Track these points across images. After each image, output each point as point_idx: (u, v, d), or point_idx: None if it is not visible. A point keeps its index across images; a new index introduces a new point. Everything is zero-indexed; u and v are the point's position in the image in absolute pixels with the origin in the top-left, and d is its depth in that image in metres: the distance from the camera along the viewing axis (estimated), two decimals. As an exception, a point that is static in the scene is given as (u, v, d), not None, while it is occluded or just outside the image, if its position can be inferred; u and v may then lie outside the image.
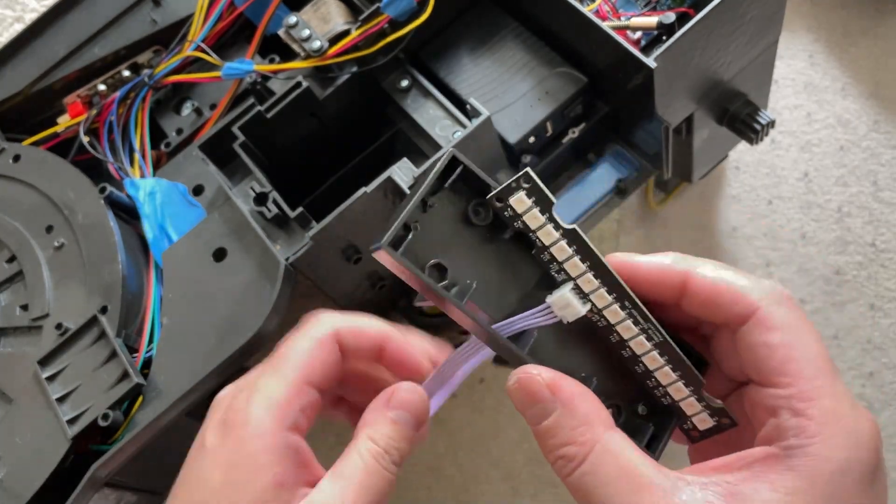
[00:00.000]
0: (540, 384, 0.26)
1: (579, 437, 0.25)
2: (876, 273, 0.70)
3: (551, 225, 0.28)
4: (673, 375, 0.28)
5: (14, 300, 0.51)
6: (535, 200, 0.28)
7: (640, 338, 0.28)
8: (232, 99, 0.54)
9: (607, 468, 0.24)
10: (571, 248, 0.27)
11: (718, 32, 0.46)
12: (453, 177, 0.28)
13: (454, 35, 0.53)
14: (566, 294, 0.27)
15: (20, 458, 0.44)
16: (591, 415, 0.26)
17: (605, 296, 0.27)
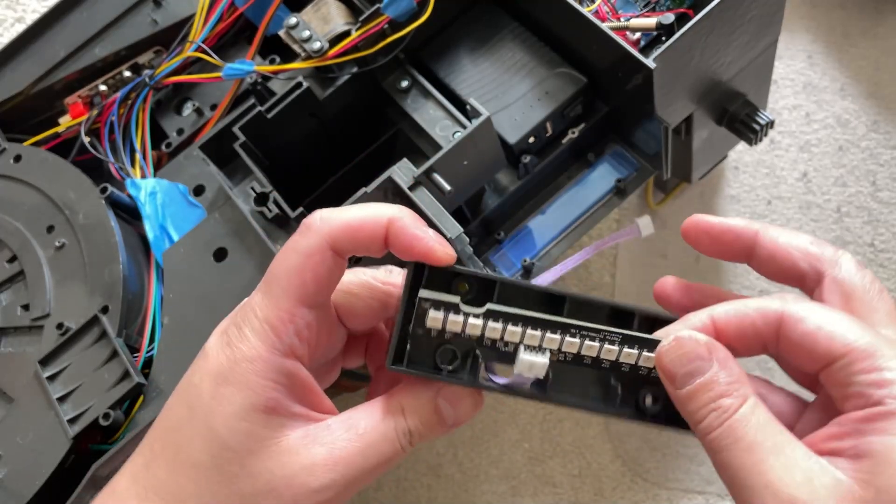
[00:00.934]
0: (698, 343, 0.27)
1: (734, 391, 0.26)
2: (875, 273, 0.70)
3: (470, 318, 0.29)
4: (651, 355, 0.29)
5: (15, 300, 0.51)
6: (443, 309, 0.29)
7: (605, 346, 0.29)
8: (232, 99, 0.54)
9: (758, 418, 0.25)
10: (499, 323, 0.29)
11: (717, 33, 0.46)
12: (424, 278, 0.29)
13: (454, 35, 0.53)
14: (522, 359, 0.29)
15: (21, 458, 0.45)
16: (742, 374, 0.26)
17: (552, 337, 0.29)
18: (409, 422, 0.29)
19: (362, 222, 0.29)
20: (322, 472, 0.27)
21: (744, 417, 0.25)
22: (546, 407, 0.69)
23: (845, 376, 0.25)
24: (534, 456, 0.68)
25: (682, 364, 0.27)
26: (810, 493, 0.23)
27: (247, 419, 0.27)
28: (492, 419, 0.69)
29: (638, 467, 0.67)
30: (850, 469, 0.24)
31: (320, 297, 0.29)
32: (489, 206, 0.53)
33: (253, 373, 0.28)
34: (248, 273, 0.46)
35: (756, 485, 0.24)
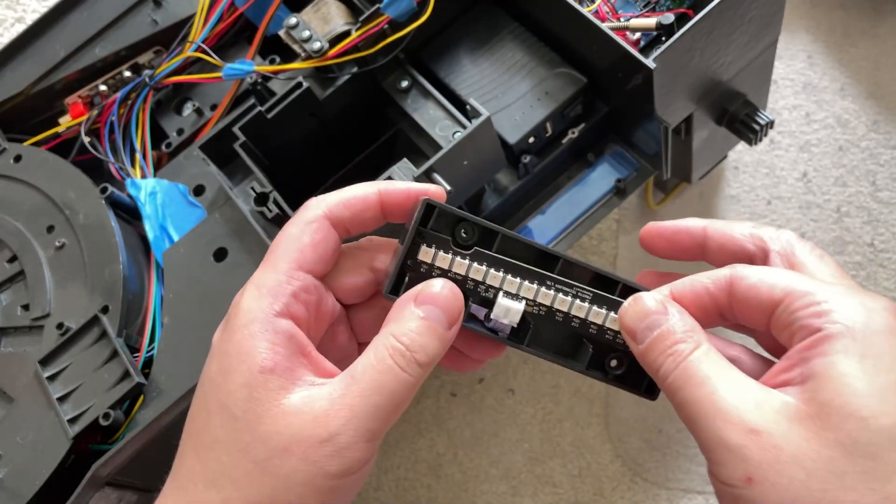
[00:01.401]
0: (655, 300, 0.29)
1: (689, 337, 0.28)
2: (875, 273, 0.70)
3: (458, 257, 0.31)
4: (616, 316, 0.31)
5: (15, 300, 0.51)
6: (435, 246, 0.31)
7: (576, 302, 0.31)
8: (233, 99, 0.54)
9: (711, 358, 0.27)
10: (483, 265, 0.31)
11: (717, 33, 0.46)
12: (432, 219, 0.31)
13: (454, 36, 0.53)
14: (500, 302, 0.30)
15: (21, 458, 0.45)
16: (696, 325, 0.28)
17: (529, 286, 0.31)
18: (401, 339, 0.28)
19: (355, 194, 0.31)
20: (327, 422, 0.27)
21: (697, 358, 0.27)
22: (546, 407, 0.69)
23: (788, 315, 0.27)
24: (534, 456, 0.68)
25: (640, 319, 0.29)
26: (760, 416, 0.25)
27: (247, 384, 0.28)
28: (492, 419, 0.69)
29: (638, 467, 0.67)
30: (797, 392, 0.25)
31: (318, 265, 0.30)
32: (489, 206, 0.53)
33: (249, 336, 0.28)
34: (248, 273, 0.46)
35: (709, 413, 0.26)
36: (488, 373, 0.70)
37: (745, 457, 0.24)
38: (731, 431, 0.25)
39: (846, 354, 0.25)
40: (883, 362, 0.25)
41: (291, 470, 0.27)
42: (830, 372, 0.25)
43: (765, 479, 0.24)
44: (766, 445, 0.24)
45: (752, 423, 0.25)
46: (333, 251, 0.31)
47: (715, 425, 0.25)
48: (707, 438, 0.26)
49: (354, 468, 0.28)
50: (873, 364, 0.24)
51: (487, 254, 0.31)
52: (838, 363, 0.25)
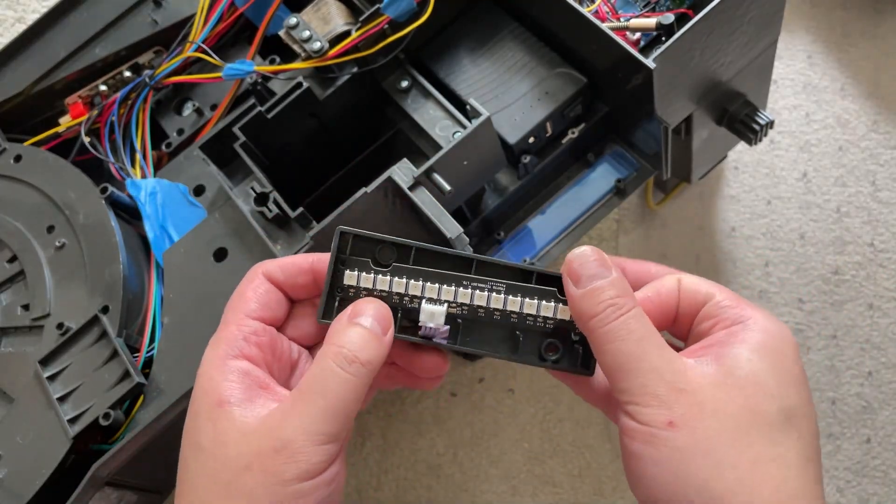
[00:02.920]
0: (603, 255, 0.32)
1: (627, 294, 0.31)
2: (874, 273, 0.70)
3: (379, 275, 0.34)
4: (535, 302, 0.33)
5: (15, 300, 0.51)
6: (358, 269, 0.34)
7: (493, 295, 0.33)
8: (233, 99, 0.54)
9: (646, 321, 0.31)
10: (403, 278, 0.33)
11: (717, 33, 0.46)
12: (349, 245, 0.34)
13: (454, 36, 0.53)
14: (424, 308, 0.33)
15: (21, 458, 0.45)
16: (631, 291, 0.32)
17: (448, 289, 0.33)
18: (341, 345, 0.31)
19: (292, 260, 0.35)
20: (280, 432, 0.30)
21: (636, 316, 0.31)
22: (546, 407, 0.69)
23: (717, 309, 0.32)
24: (534, 456, 0.68)
25: (588, 268, 0.32)
26: (684, 378, 0.30)
27: (210, 418, 0.31)
28: (492, 419, 0.69)
29: (638, 467, 0.67)
30: (712, 365, 0.31)
31: (263, 311, 0.34)
32: (489, 206, 0.53)
33: (208, 378, 0.32)
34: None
35: (642, 367, 0.30)
36: (488, 373, 0.70)
37: (671, 407, 0.29)
38: (662, 386, 0.30)
39: (758, 347, 0.31)
40: (787, 360, 0.31)
41: (254, 485, 0.30)
42: (748, 356, 0.31)
43: (685, 424, 0.29)
44: (691, 402, 0.29)
45: (680, 384, 0.30)
46: (277, 302, 0.34)
47: (647, 378, 0.30)
48: (634, 386, 0.30)
49: (313, 472, 0.30)
50: (780, 360, 0.31)
51: (406, 267, 0.34)
52: (753, 352, 0.31)
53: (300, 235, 0.46)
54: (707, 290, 0.33)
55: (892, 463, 0.67)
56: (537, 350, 0.34)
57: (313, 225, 0.45)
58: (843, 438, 0.68)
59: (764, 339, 0.31)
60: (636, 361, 0.30)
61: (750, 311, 0.32)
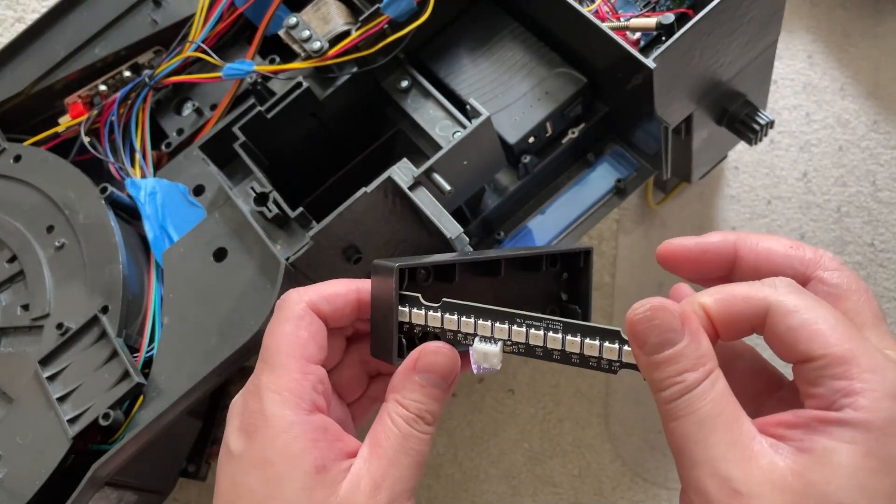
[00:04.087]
0: (673, 315, 0.27)
1: (700, 366, 0.26)
2: (875, 273, 0.70)
3: (430, 312, 0.32)
4: (596, 343, 0.30)
5: (15, 300, 0.51)
6: (408, 305, 0.32)
7: (550, 334, 0.31)
8: (232, 99, 0.54)
9: (717, 393, 0.26)
10: (454, 315, 0.32)
11: (717, 33, 0.46)
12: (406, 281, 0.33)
13: (454, 35, 0.53)
14: (477, 348, 0.31)
15: (21, 458, 0.45)
16: (710, 349, 0.27)
17: (501, 328, 0.31)
18: (410, 408, 0.31)
19: (336, 290, 0.33)
20: (377, 495, 0.29)
21: (703, 392, 0.26)
22: (546, 406, 0.69)
23: (816, 377, 0.26)
24: (534, 456, 0.68)
25: (654, 334, 0.27)
26: (746, 474, 0.24)
27: (305, 487, 0.29)
28: (492, 419, 0.69)
29: (638, 467, 0.67)
30: (789, 458, 0.25)
31: (321, 354, 0.32)
32: (489, 206, 0.53)
33: (293, 440, 0.29)
34: (248, 273, 0.46)
35: (699, 458, 0.25)
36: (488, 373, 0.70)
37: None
38: (715, 485, 0.25)
39: (853, 445, 0.24)
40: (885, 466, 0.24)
41: None
42: (831, 458, 0.24)
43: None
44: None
45: (737, 485, 0.24)
46: (325, 334, 0.33)
47: (701, 472, 0.25)
48: (689, 478, 0.26)
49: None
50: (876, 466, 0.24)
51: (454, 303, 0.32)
52: (842, 452, 0.24)
53: (300, 235, 0.46)
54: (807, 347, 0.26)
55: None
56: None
57: (313, 225, 0.45)
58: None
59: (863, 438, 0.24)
60: (693, 447, 0.26)
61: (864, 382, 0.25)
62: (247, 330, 0.44)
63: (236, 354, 0.44)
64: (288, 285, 0.44)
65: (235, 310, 0.46)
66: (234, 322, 0.45)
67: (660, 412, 0.27)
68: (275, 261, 0.45)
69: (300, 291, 0.33)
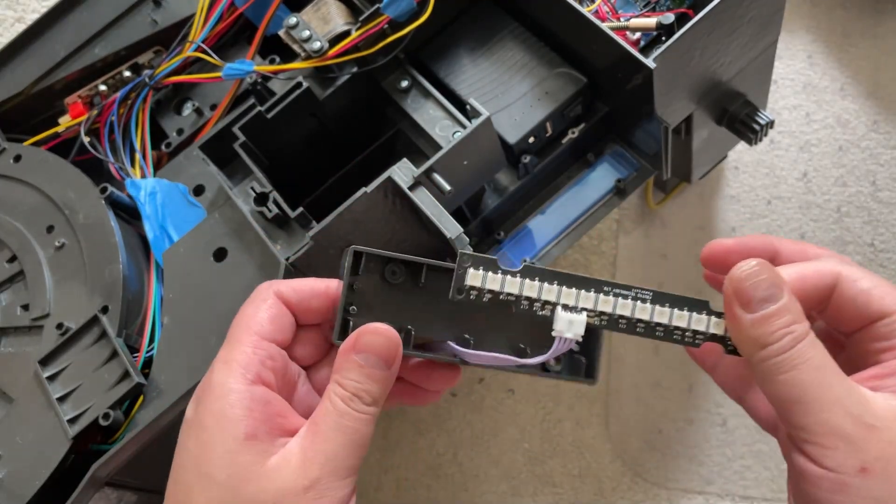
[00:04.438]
0: (776, 273, 0.29)
1: (804, 319, 0.28)
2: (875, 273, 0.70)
3: (508, 276, 0.31)
4: (685, 314, 0.30)
5: (15, 300, 0.51)
6: (483, 268, 0.31)
7: (638, 304, 0.30)
8: (232, 99, 0.54)
9: (821, 348, 0.28)
10: (535, 280, 0.31)
11: (717, 33, 0.46)
12: (362, 263, 0.33)
13: (454, 35, 0.53)
14: (560, 315, 0.30)
15: (21, 458, 0.45)
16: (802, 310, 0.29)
17: (589, 296, 0.30)
18: (347, 387, 0.31)
19: (306, 282, 0.34)
20: (306, 470, 0.30)
21: (812, 342, 0.28)
22: (546, 407, 0.69)
23: (892, 331, 0.28)
24: (534, 456, 0.68)
25: (762, 288, 0.28)
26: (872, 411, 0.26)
27: (229, 451, 0.30)
28: (492, 419, 0.69)
29: (638, 467, 0.67)
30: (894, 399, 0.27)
31: (277, 335, 0.33)
32: (489, 206, 0.53)
33: (228, 406, 0.30)
34: (248, 273, 0.46)
35: (827, 399, 0.26)
36: (488, 373, 0.70)
37: (863, 448, 0.26)
38: (850, 422, 0.26)
39: None
40: None
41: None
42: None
43: (881, 471, 0.25)
44: (885, 441, 0.26)
45: (869, 418, 0.26)
46: (290, 325, 0.34)
47: (831, 412, 0.26)
48: (817, 423, 0.26)
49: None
50: None
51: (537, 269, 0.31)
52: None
53: (300, 235, 0.46)
54: (880, 304, 0.29)
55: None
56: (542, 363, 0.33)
57: (313, 225, 0.45)
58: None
59: None
60: (816, 391, 0.27)
61: None
62: (247, 330, 0.44)
63: (236, 354, 0.44)
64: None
65: (235, 310, 0.45)
66: (234, 322, 0.45)
67: (762, 370, 0.28)
68: (275, 261, 0.45)
69: (272, 281, 0.35)
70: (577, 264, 0.72)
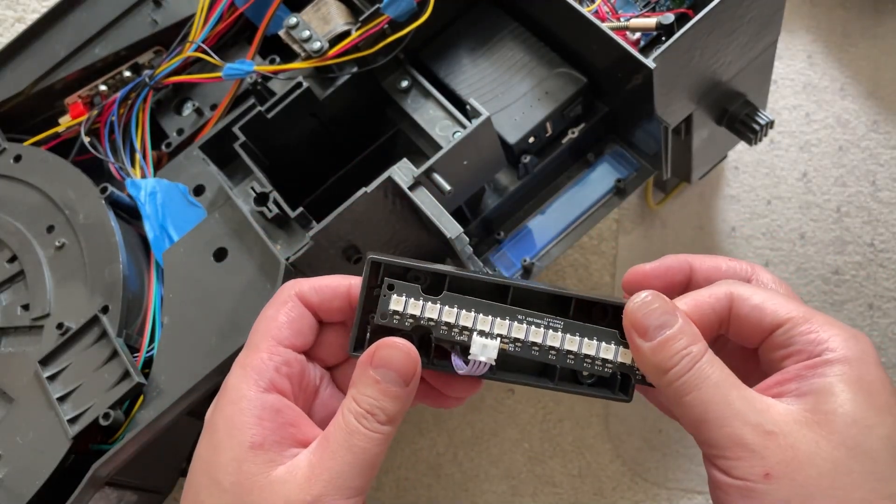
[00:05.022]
0: (667, 301, 0.30)
1: (699, 340, 0.29)
2: (874, 273, 0.70)
3: (428, 303, 0.31)
4: (594, 343, 0.31)
5: (15, 300, 0.51)
6: (405, 295, 0.31)
7: (550, 332, 0.31)
8: (232, 99, 0.54)
9: (719, 363, 0.29)
10: (455, 307, 0.31)
11: (717, 33, 0.46)
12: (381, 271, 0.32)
13: (454, 36, 0.53)
14: (475, 340, 0.31)
15: (21, 458, 0.45)
16: (698, 331, 0.30)
17: (504, 323, 0.31)
18: (362, 404, 0.30)
19: (327, 283, 0.33)
20: (309, 487, 0.29)
21: (711, 359, 0.29)
22: (546, 406, 0.69)
23: (788, 338, 0.30)
24: (534, 456, 0.68)
25: (654, 317, 0.30)
26: (773, 420, 0.28)
27: (236, 459, 0.30)
28: (492, 419, 0.69)
29: (638, 467, 0.67)
30: (796, 403, 0.28)
31: (296, 339, 0.32)
32: (489, 206, 0.53)
33: (238, 412, 0.30)
34: (248, 273, 0.46)
35: (727, 414, 0.28)
36: (488, 373, 0.70)
37: (764, 455, 0.27)
38: (749, 432, 0.27)
39: (843, 377, 0.28)
40: (874, 386, 0.28)
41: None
42: (833, 389, 0.28)
43: (783, 475, 0.27)
44: (784, 446, 0.27)
45: (768, 426, 0.27)
46: (310, 327, 0.33)
47: (733, 426, 0.27)
48: (721, 437, 0.28)
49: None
50: (867, 387, 0.28)
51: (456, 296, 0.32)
52: (838, 383, 0.28)
53: (300, 235, 0.46)
54: (773, 316, 0.30)
55: (892, 463, 0.67)
56: (574, 374, 0.33)
57: (313, 225, 0.45)
58: (843, 438, 0.67)
59: (846, 370, 0.28)
60: (717, 408, 0.28)
61: (826, 332, 0.29)
62: (247, 330, 0.44)
63: (236, 354, 0.44)
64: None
65: (235, 310, 0.46)
66: (234, 322, 0.45)
67: (669, 393, 0.29)
68: (275, 261, 0.45)
69: (295, 281, 0.34)
70: (577, 264, 0.72)
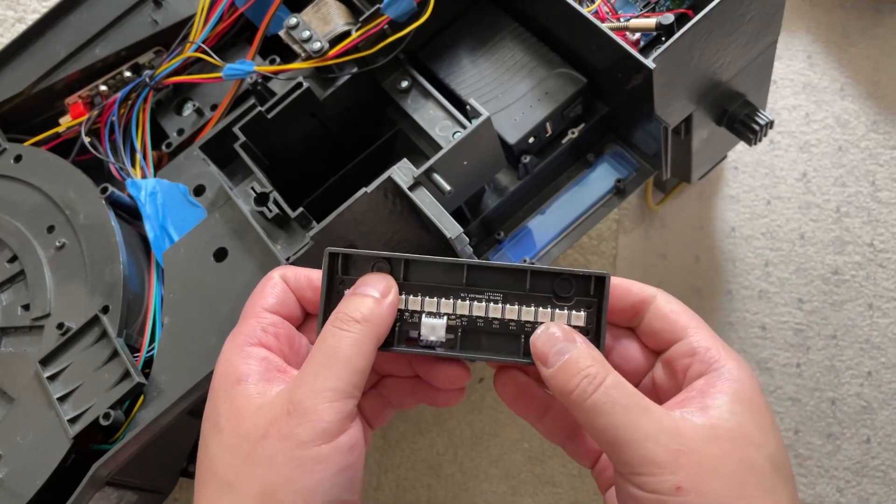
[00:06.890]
0: (564, 329, 0.33)
1: (598, 363, 0.31)
2: (874, 273, 0.70)
3: None
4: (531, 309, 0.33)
5: (15, 300, 0.51)
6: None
7: (491, 305, 0.34)
8: (233, 99, 0.54)
9: (626, 386, 0.31)
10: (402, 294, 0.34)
11: (717, 33, 0.46)
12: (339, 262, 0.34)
13: (454, 36, 0.53)
14: (424, 322, 0.34)
15: (21, 458, 0.45)
16: (602, 357, 0.32)
17: (447, 302, 0.34)
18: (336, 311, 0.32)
19: (306, 273, 0.35)
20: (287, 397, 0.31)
21: (616, 385, 0.31)
22: (546, 407, 0.69)
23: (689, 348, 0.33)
24: (534, 456, 0.68)
25: (552, 345, 0.32)
26: (681, 437, 0.30)
27: (228, 397, 0.32)
28: (492, 419, 0.69)
29: (638, 467, 0.67)
30: (701, 418, 0.31)
31: (280, 307, 0.34)
32: (489, 206, 0.53)
33: (226, 363, 0.33)
34: (248, 273, 0.46)
35: (639, 437, 0.30)
36: (488, 372, 0.70)
37: (675, 471, 0.29)
38: (661, 451, 0.30)
39: (739, 397, 0.31)
40: (762, 407, 0.32)
41: (272, 452, 0.30)
42: (730, 407, 0.31)
43: (692, 487, 0.29)
44: (692, 462, 0.29)
45: (676, 445, 0.30)
46: (294, 301, 0.35)
47: (645, 446, 0.30)
48: (635, 458, 0.30)
49: (329, 432, 0.30)
50: (756, 408, 0.31)
51: (405, 283, 0.34)
52: (735, 403, 0.31)
53: (300, 235, 0.46)
54: (685, 324, 0.33)
55: (892, 463, 0.67)
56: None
57: (313, 225, 0.45)
58: (843, 438, 0.68)
59: (740, 389, 0.32)
60: (629, 432, 0.30)
61: (721, 354, 0.33)
62: (247, 330, 0.44)
63: (237, 354, 0.44)
64: (288, 285, 0.44)
65: (235, 310, 0.45)
66: (234, 322, 0.45)
67: (581, 417, 0.31)
68: (275, 261, 0.45)
69: (282, 266, 0.36)
70: (577, 264, 0.72)
